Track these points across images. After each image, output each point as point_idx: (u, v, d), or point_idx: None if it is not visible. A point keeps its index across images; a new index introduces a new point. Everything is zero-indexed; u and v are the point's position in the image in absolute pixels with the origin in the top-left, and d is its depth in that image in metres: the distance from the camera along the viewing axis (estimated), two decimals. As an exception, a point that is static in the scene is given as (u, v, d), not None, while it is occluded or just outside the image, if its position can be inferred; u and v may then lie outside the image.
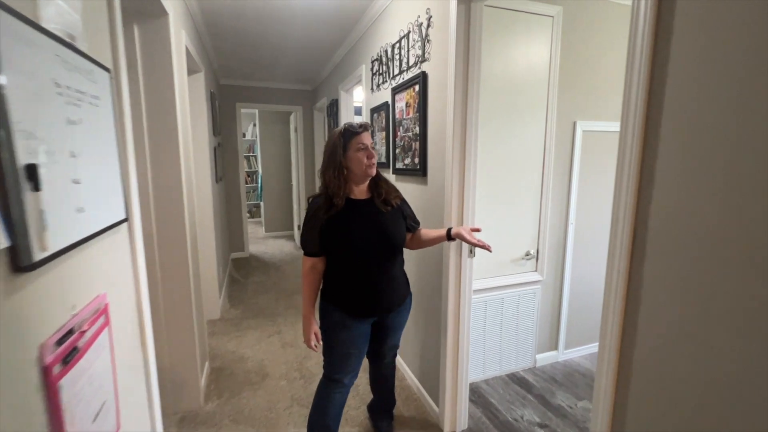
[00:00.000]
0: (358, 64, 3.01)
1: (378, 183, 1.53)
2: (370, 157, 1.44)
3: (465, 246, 1.73)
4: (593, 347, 2.70)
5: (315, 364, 2.51)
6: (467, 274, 1.78)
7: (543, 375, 2.43)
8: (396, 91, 2.20)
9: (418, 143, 1.97)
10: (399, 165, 2.25)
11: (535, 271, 2.40)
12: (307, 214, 1.48)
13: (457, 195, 1.70)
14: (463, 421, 1.93)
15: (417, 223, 1.67)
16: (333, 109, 3.98)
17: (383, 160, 2.53)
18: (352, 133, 1.44)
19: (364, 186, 1.51)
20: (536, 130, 2.23)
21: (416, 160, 2.01)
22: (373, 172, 1.47)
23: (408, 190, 2.13)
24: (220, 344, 2.80)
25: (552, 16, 2.14)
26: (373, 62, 2.63)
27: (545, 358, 2.54)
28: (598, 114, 2.41)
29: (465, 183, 1.69)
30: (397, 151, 2.26)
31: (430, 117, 1.86)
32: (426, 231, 1.64)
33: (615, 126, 2.55)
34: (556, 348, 2.58)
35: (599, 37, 2.33)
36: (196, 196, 2.37)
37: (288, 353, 2.66)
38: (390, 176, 2.42)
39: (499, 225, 2.21)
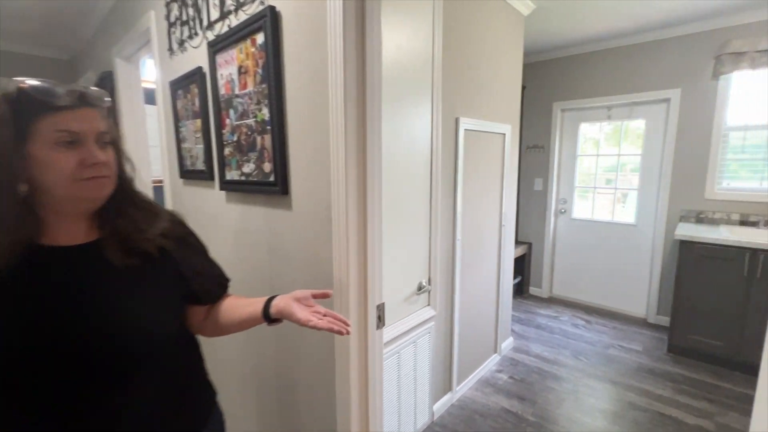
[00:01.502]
0: (143, 10, 1.87)
1: (120, 207, 0.70)
2: (91, 161, 0.61)
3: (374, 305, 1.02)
4: (479, 373, 2.43)
5: None
6: (376, 353, 1.07)
7: (445, 430, 1.96)
8: (218, 47, 1.28)
9: (268, 137, 1.13)
10: (232, 176, 1.34)
11: (428, 305, 1.90)
12: None
13: (355, 228, 0.96)
14: None
15: (222, 286, 0.86)
16: (104, 87, 2.56)
17: (200, 167, 1.54)
18: (40, 105, 0.58)
19: (84, 218, 0.67)
20: (422, 128, 1.71)
21: (267, 167, 1.16)
22: (102, 192, 0.65)
23: (253, 219, 1.26)
24: None
25: (432, -19, 1.65)
26: (169, 4, 1.59)
27: (442, 405, 2.09)
28: (476, 111, 2.10)
29: (368, 206, 0.97)
30: (227, 152, 1.34)
31: (291, 88, 1.06)
32: (236, 302, 0.83)
33: (492, 126, 2.33)
34: (450, 388, 2.16)
35: (476, 27, 2.01)
36: None
37: None
38: (215, 194, 1.47)
39: (385, 256, 1.58)
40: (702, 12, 2.64)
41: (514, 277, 3.83)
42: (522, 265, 3.93)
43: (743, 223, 2.78)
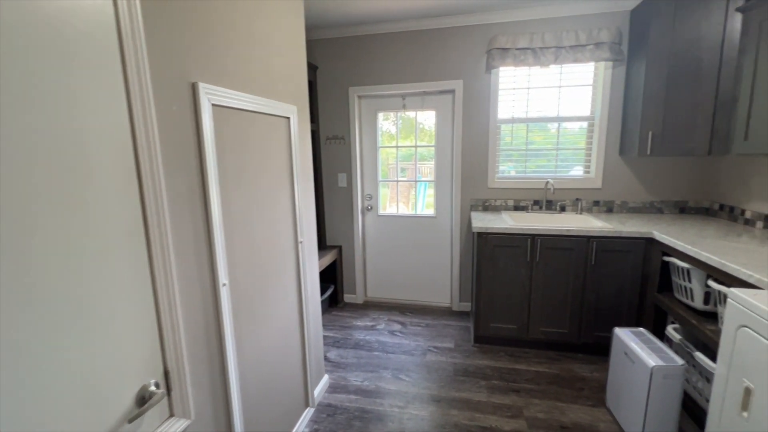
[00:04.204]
0: None
1: None
2: None
3: None
4: (287, 449, 1.76)
5: None
6: None
7: None
8: None
9: None
10: None
11: (172, 416, 1.07)
12: None
13: None
14: None
15: None
16: None
17: None
18: None
19: None
20: (100, 102, 0.83)
21: None
22: None
23: None
24: None
25: None
26: None
27: None
28: (236, 79, 1.33)
29: None
30: None
31: None
32: None
33: (269, 105, 1.60)
34: None
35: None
36: None
37: None
38: None
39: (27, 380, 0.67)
40: (473, 4, 2.65)
41: (327, 287, 3.34)
42: (334, 272, 3.47)
43: (517, 208, 3.06)
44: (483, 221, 2.63)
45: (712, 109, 2.25)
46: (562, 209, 2.97)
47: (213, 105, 1.20)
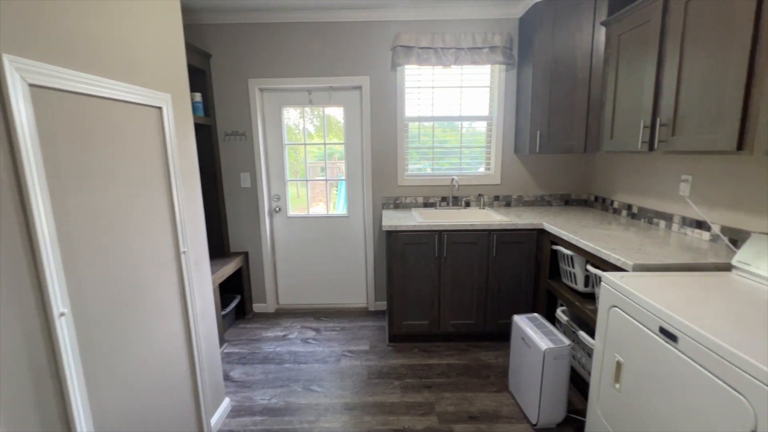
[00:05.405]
0: None
1: None
2: None
3: None
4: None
5: None
6: None
7: None
8: None
9: None
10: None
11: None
12: None
13: None
14: None
15: None
16: None
17: None
18: None
19: None
20: None
21: None
22: None
23: None
24: None
25: None
26: None
27: None
28: (58, 55, 1.06)
29: None
30: None
31: None
32: None
33: (129, 91, 1.33)
34: None
35: None
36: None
37: None
38: None
39: None
40: (377, 1, 2.62)
41: (232, 298, 3.04)
42: (240, 281, 3.18)
43: (426, 205, 3.12)
44: (393, 219, 2.62)
45: (585, 111, 2.52)
46: (467, 205, 3.11)
47: (32, 86, 0.93)
